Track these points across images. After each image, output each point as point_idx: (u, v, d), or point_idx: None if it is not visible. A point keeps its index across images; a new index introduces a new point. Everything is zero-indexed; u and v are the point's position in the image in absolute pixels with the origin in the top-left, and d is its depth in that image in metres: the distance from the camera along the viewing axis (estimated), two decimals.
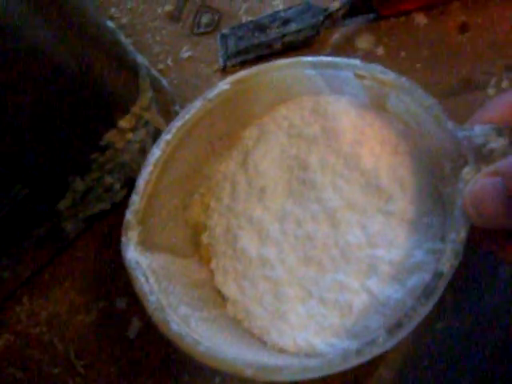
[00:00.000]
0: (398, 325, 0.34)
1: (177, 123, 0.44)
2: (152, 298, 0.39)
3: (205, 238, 0.47)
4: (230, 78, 0.45)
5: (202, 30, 0.62)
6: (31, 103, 0.42)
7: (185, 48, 0.62)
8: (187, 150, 0.45)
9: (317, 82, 0.44)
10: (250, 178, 0.46)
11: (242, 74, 0.45)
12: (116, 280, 0.53)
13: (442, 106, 0.39)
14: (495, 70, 0.52)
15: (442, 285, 0.35)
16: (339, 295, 0.40)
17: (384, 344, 0.34)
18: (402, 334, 0.34)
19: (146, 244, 0.42)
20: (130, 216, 0.42)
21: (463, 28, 0.54)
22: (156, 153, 0.43)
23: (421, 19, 0.56)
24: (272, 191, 0.45)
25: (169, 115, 0.52)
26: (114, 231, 0.54)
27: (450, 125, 0.38)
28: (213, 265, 0.46)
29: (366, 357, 0.34)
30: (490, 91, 0.51)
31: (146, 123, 0.50)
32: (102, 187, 0.51)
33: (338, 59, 0.43)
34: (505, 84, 0.51)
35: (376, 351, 0.34)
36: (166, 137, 0.44)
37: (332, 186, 0.43)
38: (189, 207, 0.47)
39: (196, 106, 0.45)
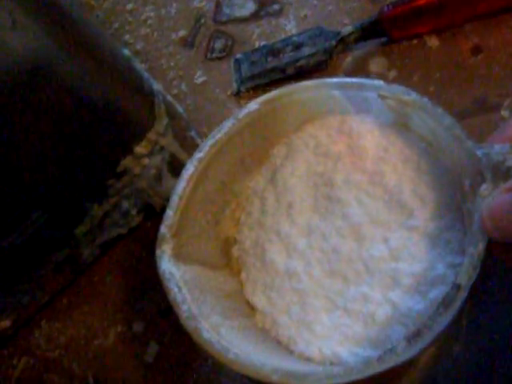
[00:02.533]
0: (418, 334, 0.35)
1: (209, 142, 0.45)
2: (184, 307, 0.40)
3: (235, 251, 0.48)
4: (259, 99, 0.46)
5: (215, 55, 0.63)
6: (50, 132, 0.42)
7: (199, 73, 0.62)
8: (218, 166, 0.46)
9: (342, 102, 0.45)
10: (278, 194, 0.47)
11: (271, 94, 0.46)
12: (133, 304, 0.53)
13: None
14: (509, 92, 0.52)
15: (459, 297, 0.35)
16: (363, 306, 0.41)
17: (404, 353, 0.35)
18: (422, 343, 0.35)
19: (180, 256, 0.43)
20: (164, 230, 0.43)
21: (476, 50, 0.54)
22: (189, 169, 0.45)
23: (433, 42, 0.56)
24: (299, 207, 0.46)
25: (184, 140, 0.52)
26: (130, 256, 0.55)
27: (469, 143, 0.38)
28: (242, 276, 0.47)
29: (387, 364, 0.35)
30: (504, 113, 0.51)
31: (162, 149, 0.50)
32: (119, 213, 0.51)
33: (362, 80, 0.44)
34: None
35: (396, 359, 0.35)
36: (199, 155, 0.45)
37: (356, 202, 0.44)
38: (220, 222, 0.48)
39: (226, 126, 0.46)
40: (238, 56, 0.61)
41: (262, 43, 0.62)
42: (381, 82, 0.43)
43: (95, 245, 0.53)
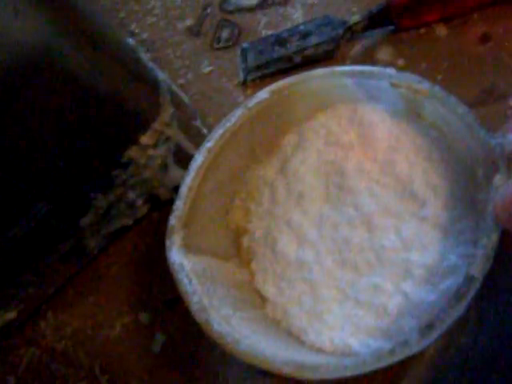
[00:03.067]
0: (430, 326, 0.35)
1: (218, 131, 0.45)
2: (195, 299, 0.40)
3: (245, 241, 0.47)
4: (269, 88, 0.46)
5: (222, 44, 0.62)
6: (54, 122, 0.42)
7: (205, 63, 0.62)
8: (228, 156, 0.46)
9: (353, 90, 0.45)
10: (288, 183, 0.46)
11: (281, 83, 0.46)
12: (139, 295, 0.52)
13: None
14: None
15: (472, 288, 0.35)
16: (374, 297, 0.41)
17: (416, 345, 0.35)
18: (434, 335, 0.35)
19: (189, 247, 0.43)
20: (173, 221, 0.43)
21: (484, 38, 0.54)
22: (198, 159, 0.45)
23: (441, 30, 0.55)
24: (310, 196, 0.46)
25: (190, 130, 0.52)
26: (137, 247, 0.54)
27: (482, 132, 0.38)
28: (253, 267, 0.46)
29: (399, 356, 0.35)
30: None
31: (167, 139, 0.49)
32: (124, 203, 0.51)
33: (373, 68, 0.44)
34: None
35: (408, 351, 0.35)
36: (208, 144, 0.45)
37: (368, 192, 0.44)
38: (230, 211, 0.48)
39: (236, 115, 0.46)
40: (245, 45, 0.60)
41: (269, 32, 0.61)
42: (392, 70, 0.43)
43: (101, 235, 0.52)
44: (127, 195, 0.51)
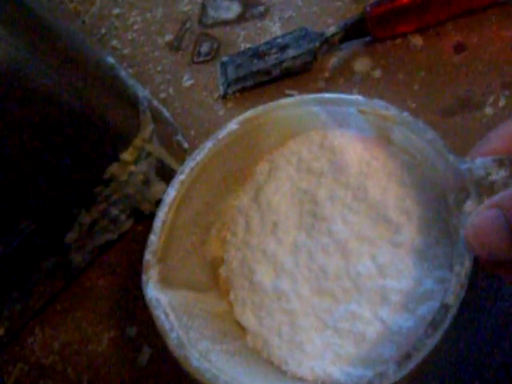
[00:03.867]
0: (407, 356, 0.35)
1: (190, 164, 0.45)
2: (173, 335, 0.40)
3: (222, 272, 0.47)
4: (238, 119, 0.45)
5: (202, 58, 0.63)
6: (35, 140, 0.42)
7: (186, 77, 0.62)
8: (201, 188, 0.46)
9: (323, 117, 0.45)
10: (262, 212, 0.46)
11: (249, 113, 0.46)
12: (126, 309, 0.53)
13: (444, 126, 0.39)
14: (492, 89, 0.52)
15: (448, 316, 0.35)
16: (353, 325, 0.40)
17: (394, 375, 0.35)
18: (411, 364, 0.35)
19: (166, 281, 0.43)
20: (148, 256, 0.43)
21: (459, 48, 0.54)
22: (171, 193, 0.44)
23: (417, 41, 0.56)
24: (284, 225, 0.45)
25: (171, 145, 0.52)
26: (122, 260, 0.55)
27: (451, 157, 0.38)
28: (231, 297, 0.46)
29: None
30: (488, 110, 0.51)
31: (148, 155, 0.49)
32: (108, 219, 0.51)
33: (341, 96, 0.44)
34: (502, 102, 0.51)
35: (386, 382, 0.35)
36: (180, 177, 0.44)
37: (341, 219, 0.43)
38: (206, 242, 0.47)
39: (207, 147, 0.45)
40: (224, 59, 0.61)
41: (248, 45, 0.61)
42: (359, 98, 0.43)
43: (86, 251, 0.52)
44: (110, 211, 0.51)
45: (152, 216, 0.44)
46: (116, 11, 0.69)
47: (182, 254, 0.45)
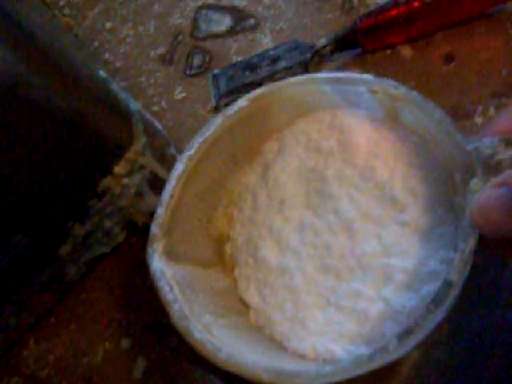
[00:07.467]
0: (409, 332, 0.34)
1: (198, 139, 0.44)
2: (176, 307, 0.39)
3: (228, 248, 0.47)
4: (248, 96, 0.45)
5: (194, 71, 0.62)
6: (26, 156, 0.41)
7: (178, 90, 0.62)
8: (209, 164, 0.45)
9: (333, 96, 0.44)
10: (269, 190, 0.46)
11: (260, 91, 0.45)
12: (120, 321, 0.52)
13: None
14: (481, 99, 0.51)
15: (451, 293, 0.34)
16: (356, 303, 0.40)
17: (395, 351, 0.34)
18: (413, 341, 0.34)
19: (171, 255, 0.42)
20: (155, 228, 0.42)
21: (448, 58, 0.54)
22: (179, 167, 0.44)
23: (406, 51, 0.55)
24: (291, 203, 0.45)
25: (164, 157, 0.51)
26: (117, 272, 0.54)
27: (459, 137, 0.38)
28: (235, 274, 0.45)
29: (378, 363, 0.34)
30: (477, 119, 0.51)
31: (141, 167, 0.49)
32: (102, 231, 0.50)
33: (351, 75, 0.44)
34: (491, 112, 0.51)
35: (387, 358, 0.34)
36: (189, 152, 0.44)
37: (348, 198, 0.43)
38: (212, 219, 0.47)
39: (216, 123, 0.45)
40: (216, 72, 0.60)
41: (240, 58, 0.61)
42: (370, 77, 0.43)
43: (80, 264, 0.51)
44: (104, 223, 0.50)
45: (146, 228, 0.43)
46: (109, 25, 0.68)
47: (189, 229, 0.44)
